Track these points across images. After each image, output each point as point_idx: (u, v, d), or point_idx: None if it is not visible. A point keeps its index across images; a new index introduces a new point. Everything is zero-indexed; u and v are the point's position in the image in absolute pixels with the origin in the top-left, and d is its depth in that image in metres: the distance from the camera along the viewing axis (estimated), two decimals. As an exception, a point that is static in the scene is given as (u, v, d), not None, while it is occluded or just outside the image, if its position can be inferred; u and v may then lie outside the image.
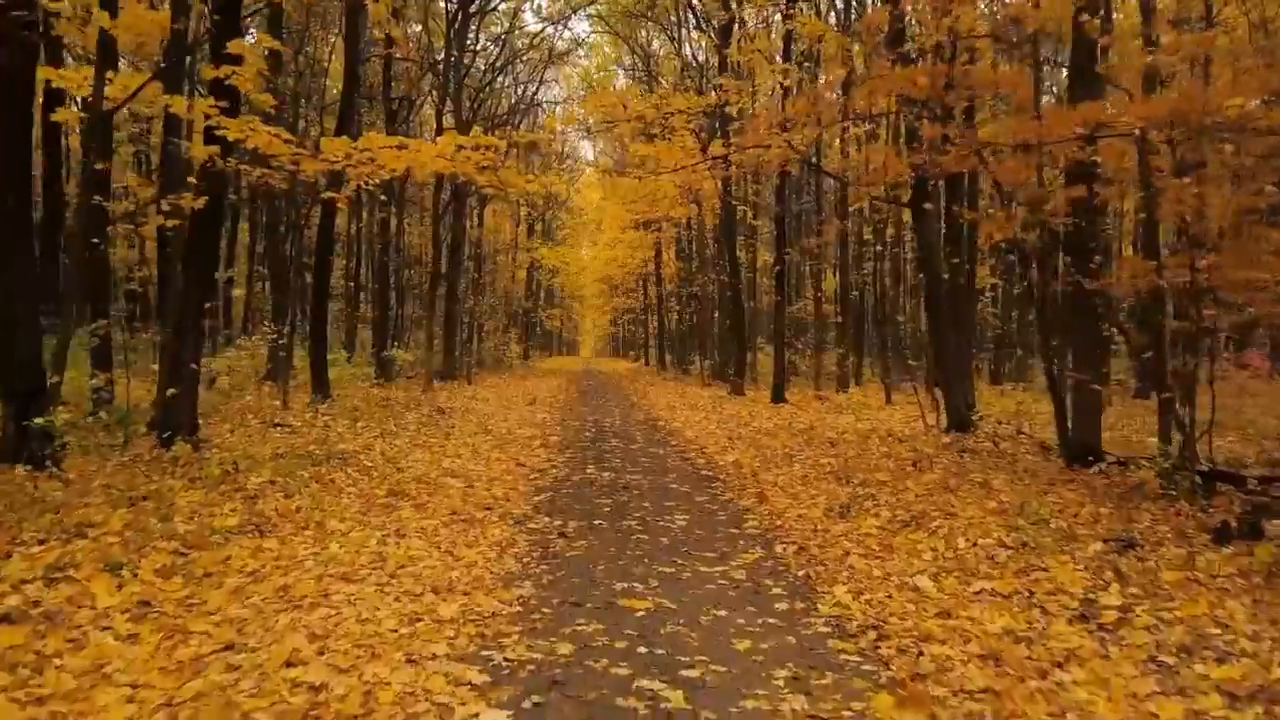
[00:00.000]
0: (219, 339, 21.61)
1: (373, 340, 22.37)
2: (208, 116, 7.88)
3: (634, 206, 31.66)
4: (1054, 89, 19.59)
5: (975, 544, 5.72)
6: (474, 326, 36.02)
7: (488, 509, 6.95)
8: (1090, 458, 8.36)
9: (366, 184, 9.51)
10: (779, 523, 6.73)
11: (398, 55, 22.26)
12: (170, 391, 8.04)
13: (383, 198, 20.07)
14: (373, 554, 5.37)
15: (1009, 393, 17.96)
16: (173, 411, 8.17)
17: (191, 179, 8.37)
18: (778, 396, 17.85)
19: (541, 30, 33.58)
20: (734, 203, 21.47)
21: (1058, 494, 7.32)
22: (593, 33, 36.14)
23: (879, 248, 22.85)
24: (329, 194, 11.10)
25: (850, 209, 20.92)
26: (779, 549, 5.90)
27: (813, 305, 24.87)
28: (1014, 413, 14.29)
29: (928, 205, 11.58)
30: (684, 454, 10.68)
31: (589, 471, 9.06)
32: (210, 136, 8.11)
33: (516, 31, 29.37)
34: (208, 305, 9.92)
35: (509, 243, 47.70)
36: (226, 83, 7.86)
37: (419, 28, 26.04)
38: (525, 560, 5.51)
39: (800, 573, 5.30)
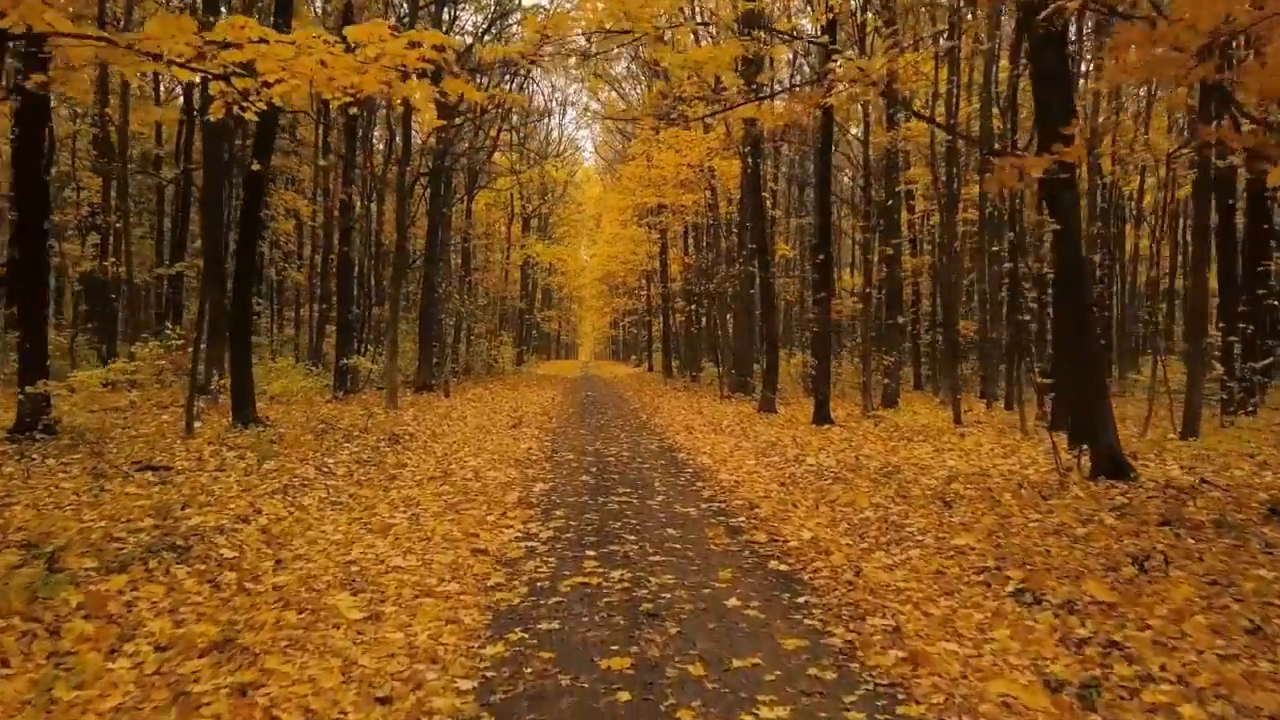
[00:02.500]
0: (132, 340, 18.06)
1: (336, 347, 18.88)
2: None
3: (641, 194, 28.26)
4: None
5: None
6: (460, 328, 32.55)
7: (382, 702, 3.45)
8: None
9: (242, 108, 6.05)
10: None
11: None
12: None
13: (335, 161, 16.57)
14: None
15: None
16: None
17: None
18: (822, 416, 14.38)
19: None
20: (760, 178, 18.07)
21: None
22: None
23: (939, 226, 19.35)
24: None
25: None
26: None
27: (857, 301, 21.40)
28: (1158, 444, 10.86)
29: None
30: (730, 519, 7.19)
31: (588, 566, 5.56)
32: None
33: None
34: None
35: (501, 237, 44.22)
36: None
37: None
38: None
39: None
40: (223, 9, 14.48)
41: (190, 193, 22.51)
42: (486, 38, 24.51)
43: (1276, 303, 14.69)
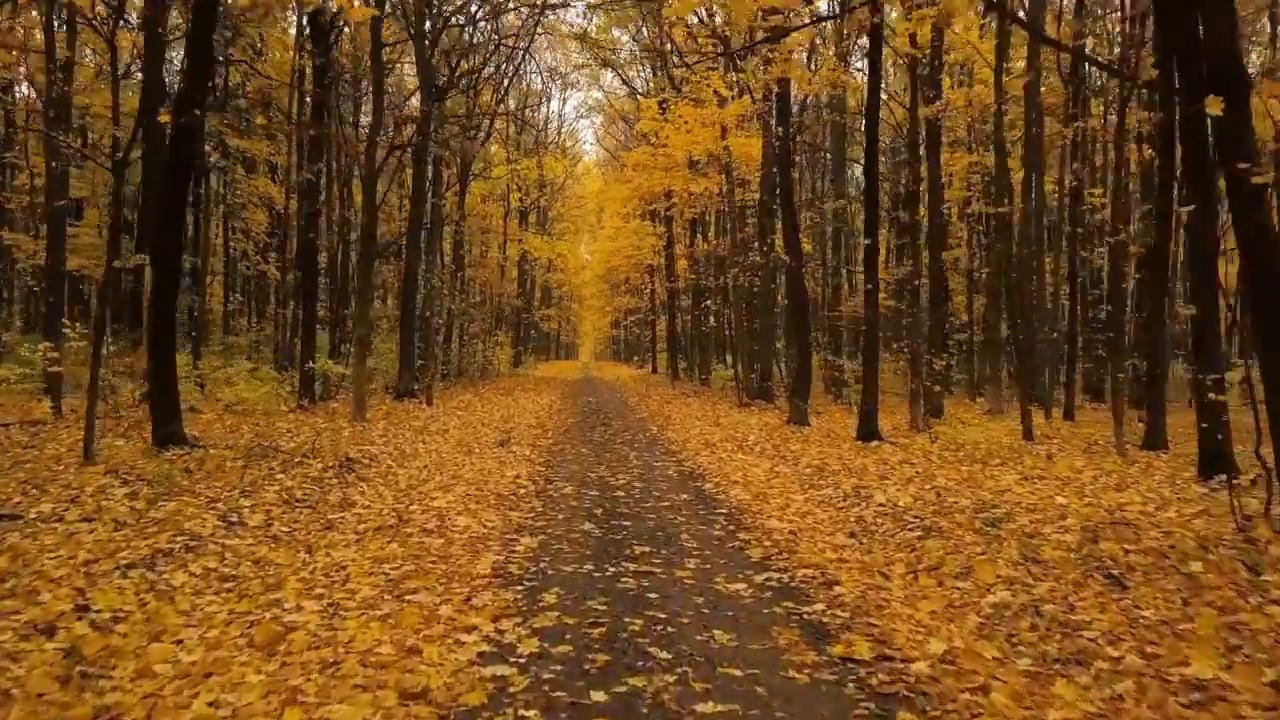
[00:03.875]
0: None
1: (300, 349, 16.57)
2: None
3: (646, 182, 25.99)
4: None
5: None
6: (452, 328, 30.25)
7: None
8: None
9: None
10: None
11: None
12: None
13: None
14: None
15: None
16: None
17: None
18: (868, 432, 12.08)
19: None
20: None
21: None
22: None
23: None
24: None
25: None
26: None
27: (888, 296, 19.12)
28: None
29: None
30: (803, 608, 4.83)
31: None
32: None
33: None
34: None
35: (497, 231, 41.92)
36: None
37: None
38: None
39: None
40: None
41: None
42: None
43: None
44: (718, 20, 20.07)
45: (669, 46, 25.16)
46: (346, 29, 16.97)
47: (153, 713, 3.27)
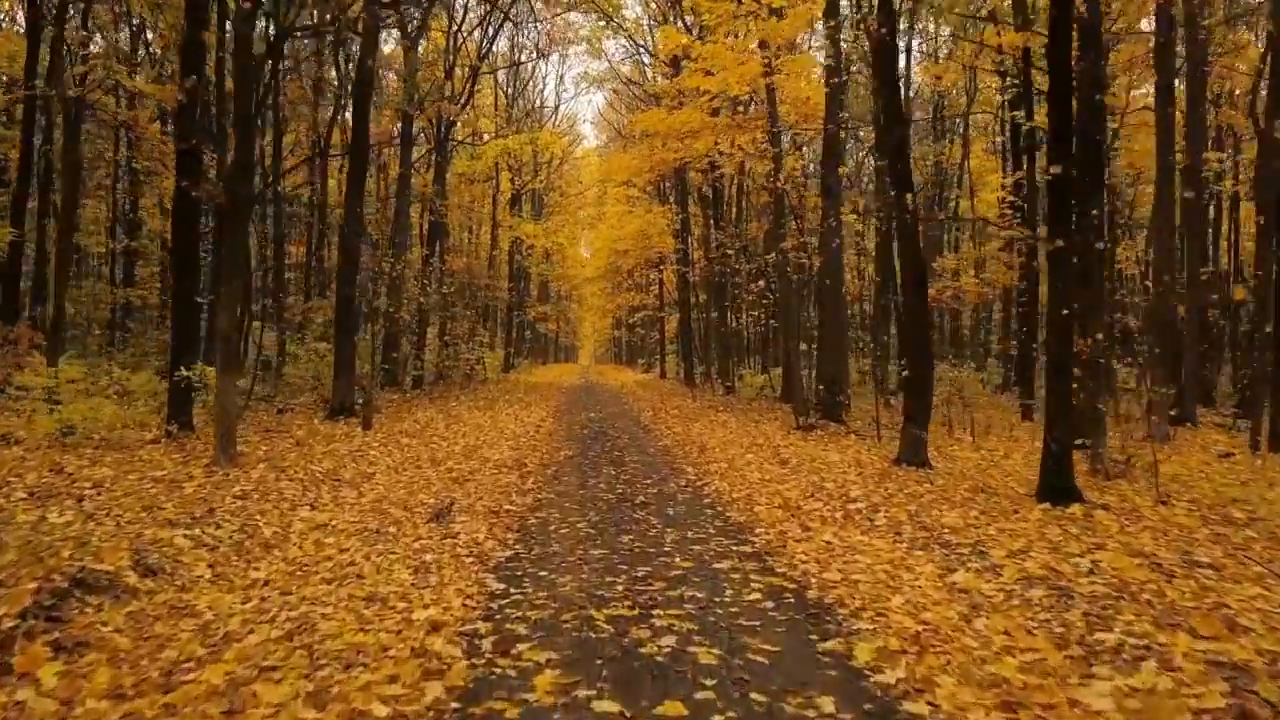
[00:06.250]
0: None
1: (172, 349, 11.47)
2: None
3: (660, 151, 21.07)
4: None
5: None
6: (426, 326, 25.25)
7: None
8: None
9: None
10: None
11: None
12: None
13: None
14: None
15: None
16: None
17: None
18: (1059, 487, 7.07)
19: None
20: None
21: None
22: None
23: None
24: None
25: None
26: None
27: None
28: None
29: None
30: None
31: None
32: None
33: None
34: None
35: (485, 216, 36.94)
36: None
37: None
38: None
39: None
40: None
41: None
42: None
43: None
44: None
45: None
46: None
47: None
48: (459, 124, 28.67)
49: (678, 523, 6.97)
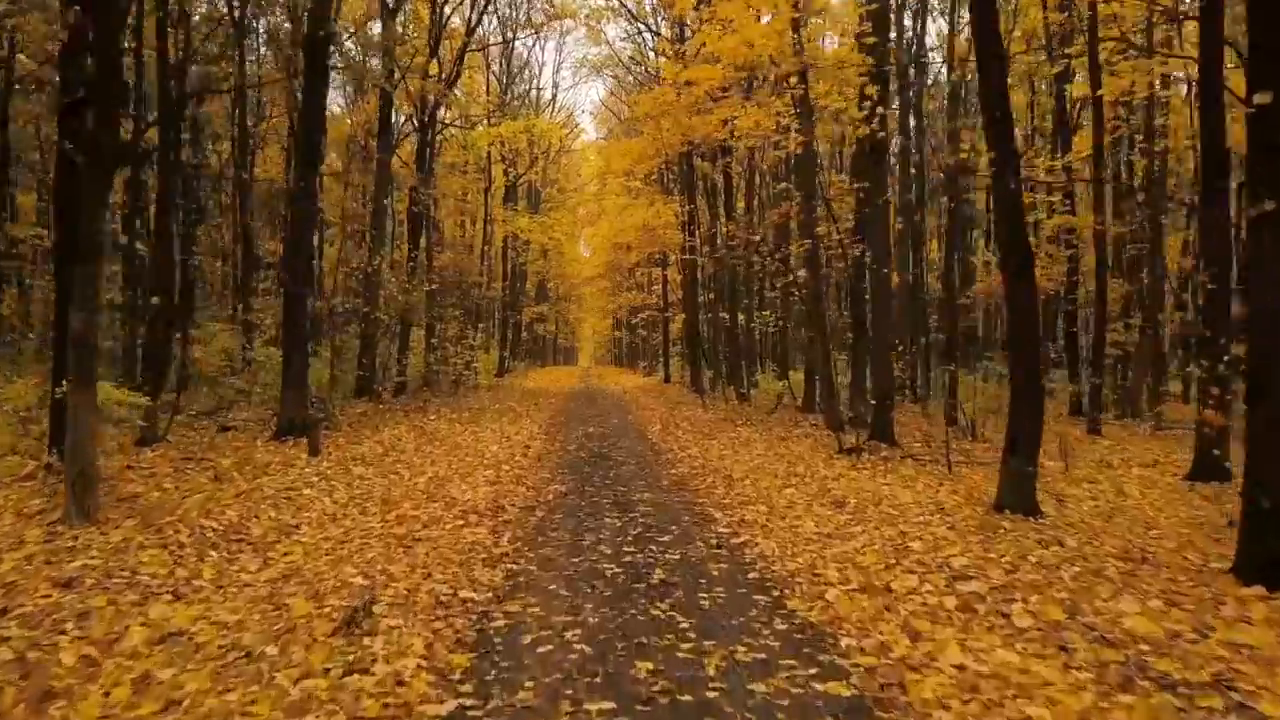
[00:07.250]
0: None
1: (55, 361, 9.09)
2: None
3: (669, 134, 18.89)
4: None
5: None
6: (409, 327, 22.86)
7: None
8: None
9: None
10: None
11: None
12: None
13: None
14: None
15: None
16: None
17: None
18: (1272, 570, 4.70)
19: None
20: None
21: None
22: None
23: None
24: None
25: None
26: None
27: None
28: None
29: None
30: None
31: None
32: None
33: None
34: None
35: (476, 210, 34.56)
36: None
37: None
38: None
39: None
40: None
41: None
42: None
43: None
44: None
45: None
46: None
47: None
48: (446, 109, 26.31)
49: (719, 627, 4.61)
